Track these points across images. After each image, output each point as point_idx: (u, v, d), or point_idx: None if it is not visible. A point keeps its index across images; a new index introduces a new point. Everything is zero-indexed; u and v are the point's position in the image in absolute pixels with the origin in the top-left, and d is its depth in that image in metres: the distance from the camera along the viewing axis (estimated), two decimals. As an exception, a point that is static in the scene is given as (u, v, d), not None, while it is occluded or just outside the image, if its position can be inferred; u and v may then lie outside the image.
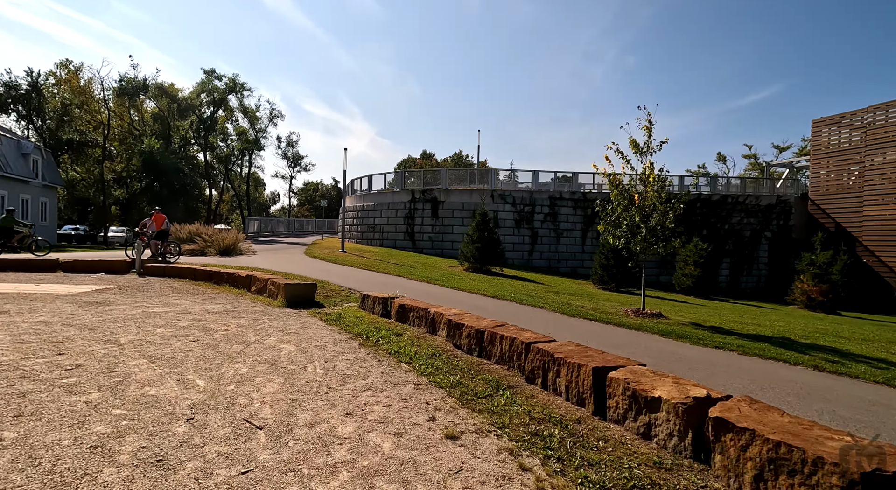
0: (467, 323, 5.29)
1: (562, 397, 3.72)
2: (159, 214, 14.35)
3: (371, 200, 26.03)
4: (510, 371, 4.45)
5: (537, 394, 3.85)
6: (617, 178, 9.07)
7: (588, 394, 3.40)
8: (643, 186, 8.85)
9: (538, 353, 4.04)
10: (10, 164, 24.81)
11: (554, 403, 3.61)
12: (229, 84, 38.32)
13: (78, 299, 7.76)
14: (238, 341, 5.28)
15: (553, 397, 3.75)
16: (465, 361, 4.78)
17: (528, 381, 4.13)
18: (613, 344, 6.21)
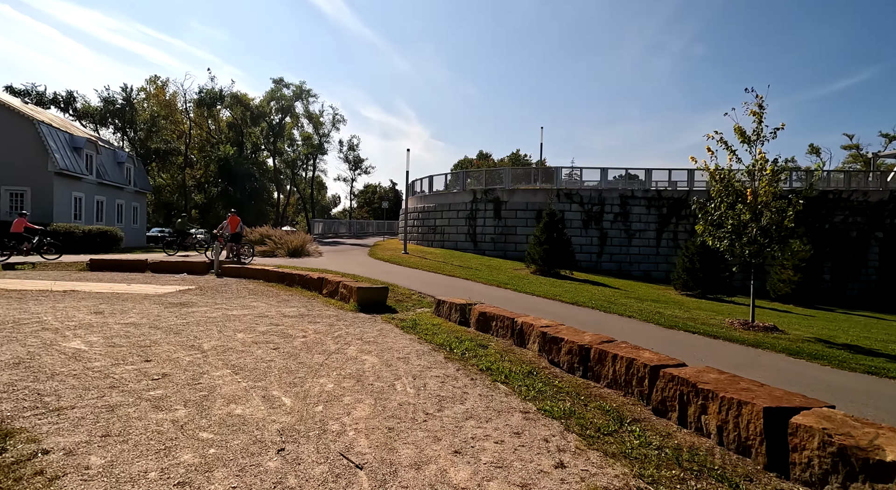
0: (566, 337, 4.65)
1: (710, 439, 3.00)
2: (234, 217, 14.87)
3: (431, 201, 25.84)
4: (628, 398, 3.76)
5: (673, 431, 3.15)
6: (720, 172, 7.97)
7: (757, 441, 2.66)
8: (753, 180, 7.70)
9: (672, 381, 3.33)
10: (108, 172, 27.26)
11: (702, 447, 2.90)
12: (296, 91, 40.04)
13: (164, 300, 7.96)
14: (318, 350, 4.99)
15: (698, 438, 3.04)
16: (568, 383, 4.15)
17: (658, 414, 3.42)
18: (734, 365, 5.29)
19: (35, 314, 6.26)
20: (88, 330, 5.47)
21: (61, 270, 12.38)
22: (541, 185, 23.51)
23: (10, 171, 21.82)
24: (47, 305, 6.98)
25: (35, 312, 6.39)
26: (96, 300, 7.66)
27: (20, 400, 3.21)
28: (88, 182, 25.40)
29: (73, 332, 5.31)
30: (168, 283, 10.43)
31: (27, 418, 2.90)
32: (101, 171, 26.58)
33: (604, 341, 4.43)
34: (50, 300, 7.50)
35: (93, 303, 7.38)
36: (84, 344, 4.82)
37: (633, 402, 3.69)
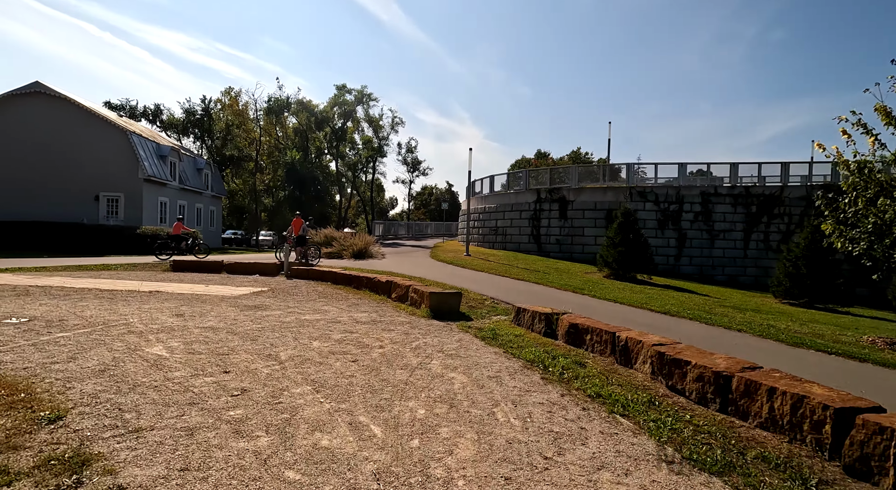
0: (693, 360, 3.86)
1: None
2: (298, 219, 15.09)
3: (493, 202, 25.17)
4: (796, 447, 2.94)
5: (885, 503, 2.33)
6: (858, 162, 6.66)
7: None
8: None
9: (880, 435, 2.49)
10: (189, 178, 29.24)
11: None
12: (358, 95, 41.03)
13: (239, 303, 7.97)
14: (399, 364, 4.55)
15: (932, 519, 2.20)
16: (704, 419, 3.38)
17: (853, 476, 2.59)
18: (907, 399, 4.21)
19: (123, 316, 6.38)
20: (170, 334, 5.42)
21: (148, 271, 13.09)
22: (610, 184, 22.11)
23: (107, 178, 23.88)
24: (134, 306, 7.16)
25: (123, 314, 6.52)
26: (178, 302, 7.80)
27: (101, 415, 3.00)
28: (172, 187, 27.31)
29: (155, 336, 5.27)
30: (242, 285, 10.61)
31: (106, 441, 2.65)
32: (182, 177, 28.51)
33: (745, 368, 3.61)
34: (137, 301, 7.72)
35: (174, 304, 7.50)
36: (165, 350, 4.70)
37: (807, 452, 2.87)
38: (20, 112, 23.46)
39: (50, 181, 23.29)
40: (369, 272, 12.00)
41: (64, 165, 23.45)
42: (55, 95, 23.89)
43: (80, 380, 3.68)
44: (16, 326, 5.47)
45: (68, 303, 7.24)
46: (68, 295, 8.08)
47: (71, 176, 23.44)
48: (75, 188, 23.44)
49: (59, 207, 22.99)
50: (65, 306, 6.92)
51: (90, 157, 23.68)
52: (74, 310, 6.65)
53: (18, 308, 6.66)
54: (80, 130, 23.82)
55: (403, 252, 23.01)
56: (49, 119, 23.64)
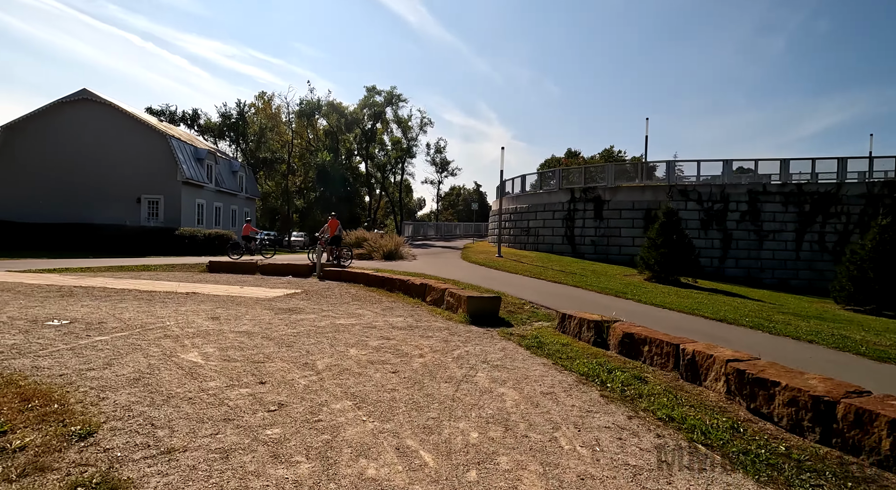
0: (783, 381, 3.36)
1: None
2: (334, 220, 15.03)
3: (524, 202, 24.61)
4: (930, 493, 2.43)
5: None
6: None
7: None
8: None
9: None
10: (224, 180, 29.96)
11: None
12: (387, 97, 41.14)
13: (273, 305, 7.85)
14: (442, 376, 4.22)
15: None
16: (803, 452, 2.91)
17: None
18: None
19: (160, 319, 6.32)
20: (205, 339, 5.28)
21: (186, 271, 13.29)
22: (647, 182, 21.21)
23: (148, 181, 24.68)
24: (171, 309, 7.12)
25: (160, 317, 6.47)
26: (213, 304, 7.74)
27: (133, 432, 2.80)
28: (208, 190, 28.02)
29: (191, 341, 5.14)
30: (276, 287, 10.56)
31: (136, 463, 2.43)
32: (218, 180, 29.21)
33: (850, 392, 3.09)
34: (174, 303, 7.71)
35: (210, 307, 7.44)
36: (200, 356, 4.54)
37: (948, 502, 2.37)
38: (69, 118, 24.55)
39: (96, 184, 24.26)
40: (402, 274, 11.77)
41: (108, 169, 24.38)
42: (101, 102, 24.89)
43: (114, 389, 3.53)
44: (57, 329, 5.46)
45: (108, 304, 7.28)
46: (109, 296, 8.17)
47: (115, 179, 24.34)
48: (119, 191, 24.33)
49: (104, 209, 23.90)
50: (105, 308, 6.95)
51: (133, 161, 24.54)
52: (114, 312, 6.66)
53: (61, 309, 6.71)
54: (123, 135, 24.73)
55: (434, 253, 22.77)
56: (95, 124, 24.63)
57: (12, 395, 3.24)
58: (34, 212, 23.46)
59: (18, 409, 3.04)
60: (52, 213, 23.48)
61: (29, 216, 23.17)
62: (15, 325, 5.56)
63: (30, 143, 24.35)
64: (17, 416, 2.93)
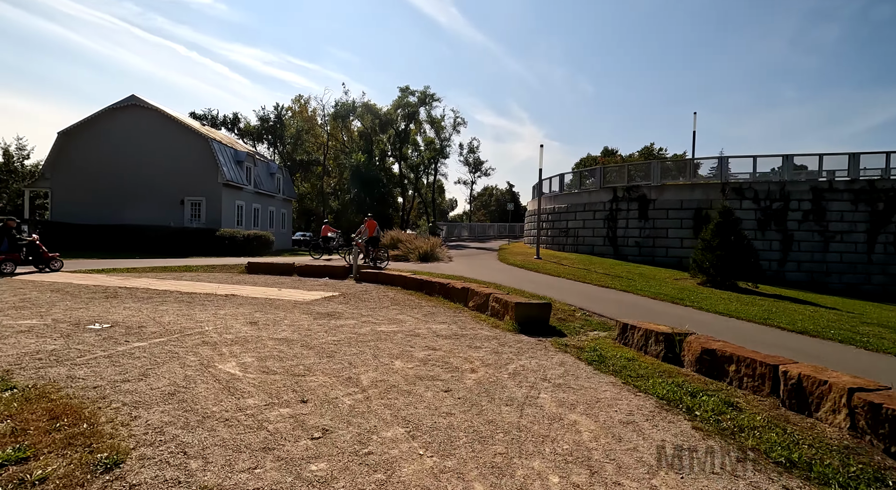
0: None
1: None
2: (371, 221, 14.80)
3: (563, 202, 23.76)
4: None
5: None
6: None
7: None
8: None
9: None
10: (263, 182, 30.55)
11: None
12: (421, 96, 41.00)
13: (311, 309, 7.58)
14: (501, 398, 3.74)
15: None
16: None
17: None
18: None
19: (198, 323, 6.14)
20: (244, 347, 5.01)
21: (225, 272, 13.37)
22: (695, 180, 19.96)
23: (191, 183, 25.39)
24: (210, 312, 6.96)
25: (199, 321, 6.28)
26: (252, 307, 7.55)
27: (164, 463, 2.47)
28: (247, 191, 28.60)
29: (228, 349, 4.87)
30: (314, 289, 10.36)
31: (164, 507, 2.07)
32: (257, 181, 29.79)
33: None
34: (213, 305, 7.56)
35: (248, 310, 7.24)
36: (238, 367, 4.24)
37: None
38: (119, 123, 25.58)
39: (143, 187, 25.15)
40: (441, 277, 11.36)
41: (154, 172, 25.23)
42: (148, 107, 25.81)
43: (147, 405, 3.24)
44: (97, 333, 5.33)
45: (149, 307, 7.20)
46: (151, 298, 8.14)
47: (160, 181, 25.17)
48: (164, 193, 25.14)
49: (150, 211, 24.74)
50: (146, 311, 6.85)
51: (177, 164, 25.30)
52: (154, 315, 6.54)
53: (104, 311, 6.65)
54: (168, 138, 25.54)
55: (469, 254, 22.29)
56: (143, 129, 25.56)
57: (42, 412, 2.99)
58: (88, 214, 24.54)
59: (46, 429, 2.77)
60: (103, 214, 24.49)
61: (83, 218, 24.26)
62: (58, 329, 5.47)
63: (83, 148, 25.52)
64: (43, 438, 2.66)
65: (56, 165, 25.56)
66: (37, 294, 8.14)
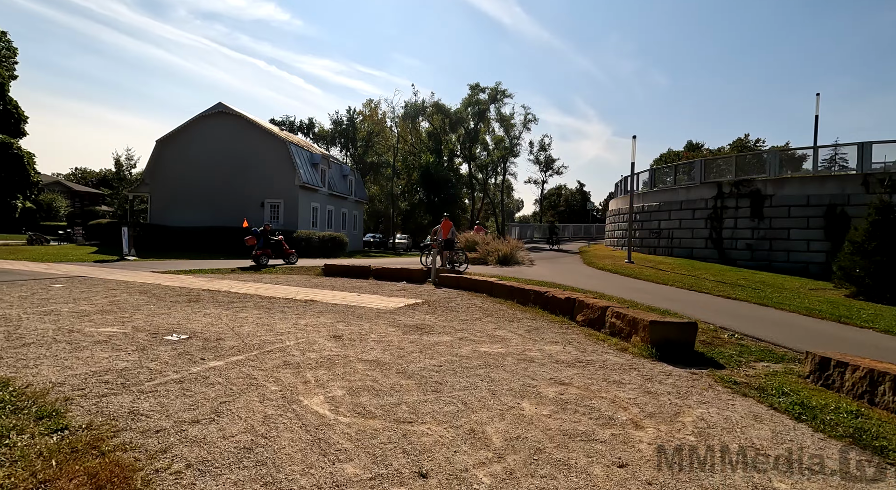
0: None
1: None
2: (447, 221, 13.88)
3: (654, 199, 21.42)
4: None
5: None
6: None
7: None
8: None
9: None
10: (336, 184, 31.03)
11: None
12: (491, 93, 39.80)
13: (397, 320, 6.68)
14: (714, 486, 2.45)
15: None
16: None
17: None
18: None
19: (279, 335, 5.42)
20: (330, 370, 4.14)
21: (303, 274, 13.07)
22: (820, 172, 16.89)
23: (270, 186, 26.19)
24: (290, 321, 6.28)
25: (279, 333, 5.58)
26: (333, 316, 6.81)
27: None
28: (322, 193, 29.09)
29: (313, 374, 4.01)
30: (393, 295, 9.56)
31: None
32: (331, 183, 30.27)
33: None
34: (293, 313, 6.93)
35: (330, 320, 6.49)
36: (328, 404, 3.33)
37: None
38: (206, 130, 27.03)
39: (227, 190, 26.33)
40: (532, 283, 10.11)
41: (238, 175, 26.33)
42: (233, 114, 27.04)
43: (216, 470, 2.36)
44: (173, 347, 4.74)
45: (229, 313, 6.68)
46: (232, 302, 7.71)
47: (242, 184, 26.21)
48: (245, 196, 26.14)
49: (233, 213, 25.81)
50: (225, 318, 6.31)
51: (258, 167, 26.22)
52: (233, 324, 5.95)
53: (184, 318, 6.20)
54: (250, 142, 26.57)
55: (549, 258, 20.72)
56: (228, 134, 26.81)
57: (83, 477, 2.20)
58: (180, 216, 26.12)
59: (81, 510, 1.94)
60: (192, 217, 25.93)
61: (176, 220, 25.84)
62: (136, 340, 4.97)
63: (176, 155, 27.26)
64: (73, 530, 1.82)
65: (154, 172, 27.53)
66: (126, 296, 8.02)
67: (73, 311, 6.41)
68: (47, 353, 4.32)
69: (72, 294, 8.00)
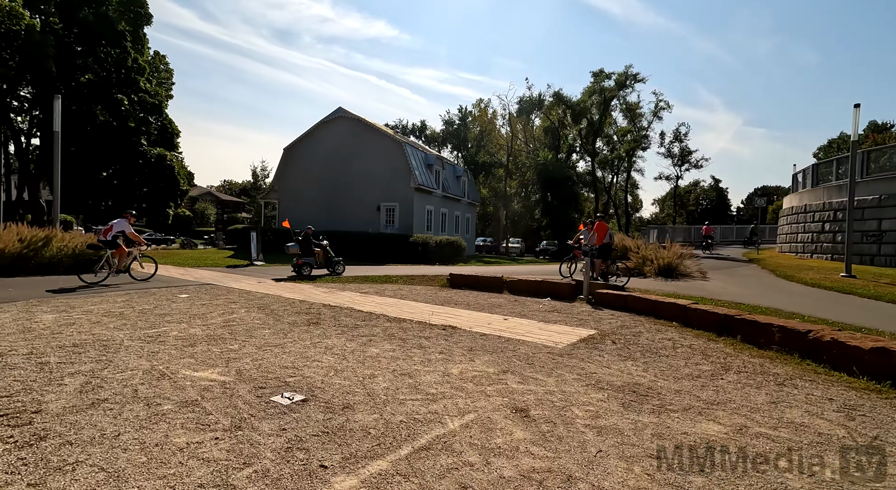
0: None
1: None
2: (601, 223, 11.17)
3: (866, 192, 16.11)
4: None
5: None
6: None
7: None
8: None
9: None
10: (450, 186, 29.82)
11: None
12: (619, 78, 35.39)
13: (590, 373, 4.38)
14: None
15: None
16: None
17: None
18: None
19: (429, 403, 3.49)
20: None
21: (425, 285, 11.48)
22: None
23: (386, 189, 25.74)
24: (437, 369, 4.37)
25: (428, 397, 3.65)
26: (491, 359, 4.78)
27: None
28: (436, 196, 28.01)
29: None
30: (549, 319, 7.30)
31: None
32: (445, 185, 29.10)
33: None
34: (435, 350, 5.05)
35: (492, 368, 4.45)
36: None
37: None
38: (327, 135, 27.58)
39: (346, 194, 26.51)
40: (746, 309, 7.13)
41: (356, 179, 26.36)
42: (352, 118, 27.27)
43: None
44: (281, 417, 3.05)
45: (356, 348, 5.02)
46: (356, 327, 6.13)
47: (360, 188, 26.15)
48: (363, 199, 26.03)
49: (352, 217, 25.84)
50: (352, 358, 4.62)
51: (375, 170, 25.96)
52: (363, 371, 4.20)
53: (301, 357, 4.64)
54: (368, 144, 26.46)
55: (718, 267, 16.63)
56: (346, 138, 27.04)
57: None
58: (304, 221, 26.93)
59: None
60: (315, 221, 26.52)
61: (301, 225, 26.66)
62: (234, 399, 3.41)
63: (300, 161, 28.28)
64: None
65: (281, 179, 28.91)
66: (243, 313, 6.94)
67: (180, 338, 5.26)
68: (107, 430, 2.86)
69: (191, 309, 7.15)
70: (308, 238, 13.04)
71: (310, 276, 12.36)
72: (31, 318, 6.12)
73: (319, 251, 13.15)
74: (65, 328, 5.55)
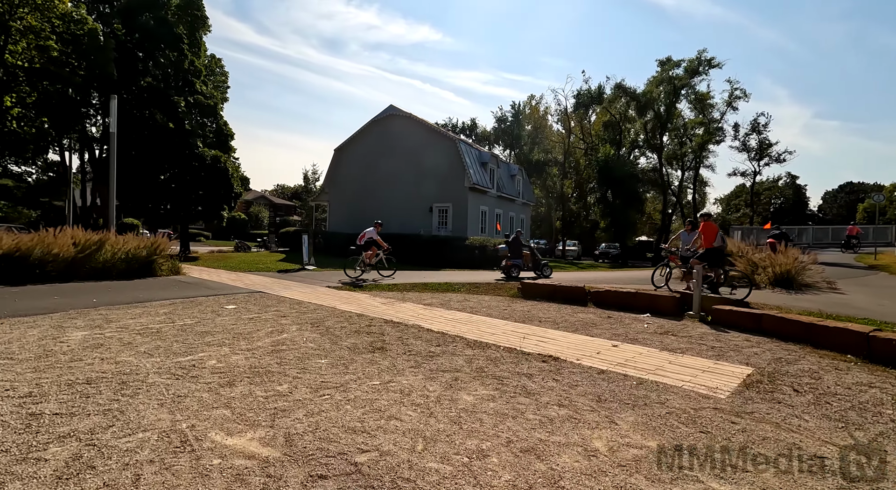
0: None
1: None
2: (709, 224, 9.25)
3: None
4: None
5: None
6: None
7: None
8: None
9: None
10: (504, 185, 28.24)
11: None
12: (690, 66, 32.21)
13: (800, 449, 2.76)
14: None
15: None
16: None
17: None
18: None
19: None
20: None
21: (492, 295, 10.08)
22: None
23: (438, 189, 24.56)
24: (562, 430, 2.93)
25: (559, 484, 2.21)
26: (628, 414, 3.28)
27: None
28: (491, 195, 26.51)
29: None
30: (666, 343, 5.67)
31: None
32: (499, 184, 27.56)
33: None
34: (542, 390, 3.66)
35: (634, 428, 2.94)
36: None
37: None
38: (378, 134, 26.79)
39: (397, 195, 25.57)
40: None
41: (407, 179, 25.37)
42: (403, 115, 26.33)
43: None
44: None
45: (440, 392, 3.68)
46: (431, 355, 4.81)
47: (412, 189, 25.12)
48: (414, 200, 24.98)
49: (404, 219, 24.84)
50: (441, 415, 3.27)
51: (427, 169, 24.85)
52: (462, 441, 2.84)
53: (369, 407, 3.36)
54: (419, 143, 25.41)
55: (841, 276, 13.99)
56: (399, 136, 26.12)
57: None
58: (354, 223, 26.27)
59: None
60: (366, 223, 25.76)
61: (351, 227, 26.03)
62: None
63: (351, 161, 27.68)
64: None
65: (332, 180, 28.47)
66: (294, 331, 5.83)
67: (217, 371, 4.14)
68: None
69: (236, 325, 6.12)
70: (518, 241, 13.04)
71: (360, 285, 11.31)
72: (58, 336, 5.27)
73: (527, 254, 13.01)
74: (88, 352, 4.60)
